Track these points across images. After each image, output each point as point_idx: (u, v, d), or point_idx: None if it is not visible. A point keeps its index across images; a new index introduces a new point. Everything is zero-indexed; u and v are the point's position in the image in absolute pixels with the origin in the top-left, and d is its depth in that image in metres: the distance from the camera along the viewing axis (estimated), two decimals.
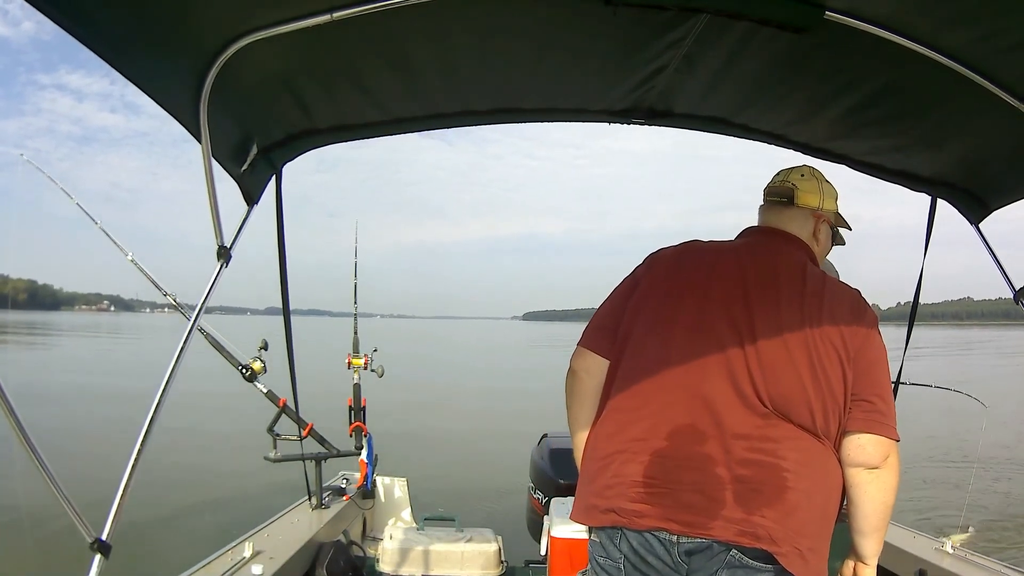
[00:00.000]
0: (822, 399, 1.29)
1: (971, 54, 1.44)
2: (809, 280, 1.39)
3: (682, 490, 1.28)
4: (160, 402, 1.38)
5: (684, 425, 1.31)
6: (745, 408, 1.29)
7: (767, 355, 1.31)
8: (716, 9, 1.40)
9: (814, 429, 1.29)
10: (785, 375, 1.30)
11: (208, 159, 1.51)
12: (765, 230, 1.55)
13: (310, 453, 2.82)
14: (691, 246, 1.53)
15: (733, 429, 1.28)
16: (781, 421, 1.29)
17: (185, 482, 6.81)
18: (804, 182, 1.55)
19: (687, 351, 1.35)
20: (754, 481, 1.25)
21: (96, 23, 1.15)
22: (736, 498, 1.25)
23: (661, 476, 1.29)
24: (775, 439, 1.27)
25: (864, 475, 1.31)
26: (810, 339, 1.31)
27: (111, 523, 1.25)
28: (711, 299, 1.38)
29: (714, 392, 1.31)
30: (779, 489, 1.25)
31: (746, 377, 1.30)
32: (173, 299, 2.86)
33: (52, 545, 4.22)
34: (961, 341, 60.95)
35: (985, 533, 5.20)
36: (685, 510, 1.27)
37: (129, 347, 30.03)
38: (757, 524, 1.23)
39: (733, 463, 1.26)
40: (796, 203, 1.53)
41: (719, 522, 1.24)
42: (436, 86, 1.78)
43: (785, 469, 1.26)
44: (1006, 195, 2.04)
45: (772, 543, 1.23)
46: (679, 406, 1.32)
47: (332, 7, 1.34)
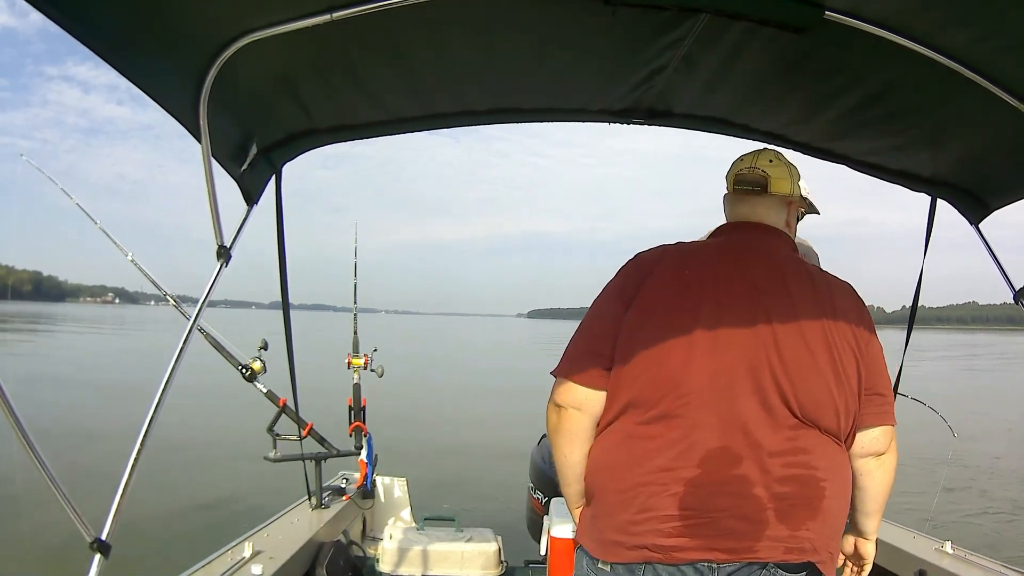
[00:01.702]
0: (845, 400, 1.27)
1: (971, 54, 1.44)
2: (816, 278, 1.35)
3: (722, 518, 1.21)
4: (160, 402, 1.38)
5: (716, 448, 1.22)
6: (776, 422, 1.23)
7: (792, 362, 1.25)
8: (715, 9, 1.40)
9: (837, 432, 1.27)
10: (813, 380, 1.25)
11: (208, 159, 1.51)
12: (749, 226, 1.45)
13: (310, 453, 2.82)
14: (681, 250, 1.40)
15: (768, 447, 1.22)
16: (808, 429, 1.25)
17: (185, 482, 6.81)
18: (774, 168, 1.46)
19: (709, 368, 1.25)
20: (794, 497, 1.22)
21: (95, 22, 1.15)
22: (779, 516, 1.21)
23: (697, 506, 1.21)
24: (807, 450, 1.24)
25: (873, 463, 1.35)
26: (830, 339, 1.27)
27: (111, 523, 1.26)
28: (725, 307, 1.28)
29: (743, 408, 1.23)
30: (818, 500, 1.24)
31: (774, 388, 1.24)
32: (173, 299, 2.86)
33: (52, 545, 4.22)
34: (967, 344, 61.16)
35: (985, 533, 5.20)
36: (727, 537, 1.21)
37: (131, 342, 30.06)
38: (803, 539, 1.22)
39: (772, 482, 1.21)
40: (770, 191, 1.44)
41: (764, 543, 1.21)
42: (435, 86, 1.78)
43: (821, 479, 1.24)
44: (1006, 195, 2.04)
45: (815, 553, 1.23)
46: (708, 428, 1.23)
47: (332, 7, 1.34)
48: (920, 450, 6.51)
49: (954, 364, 29.78)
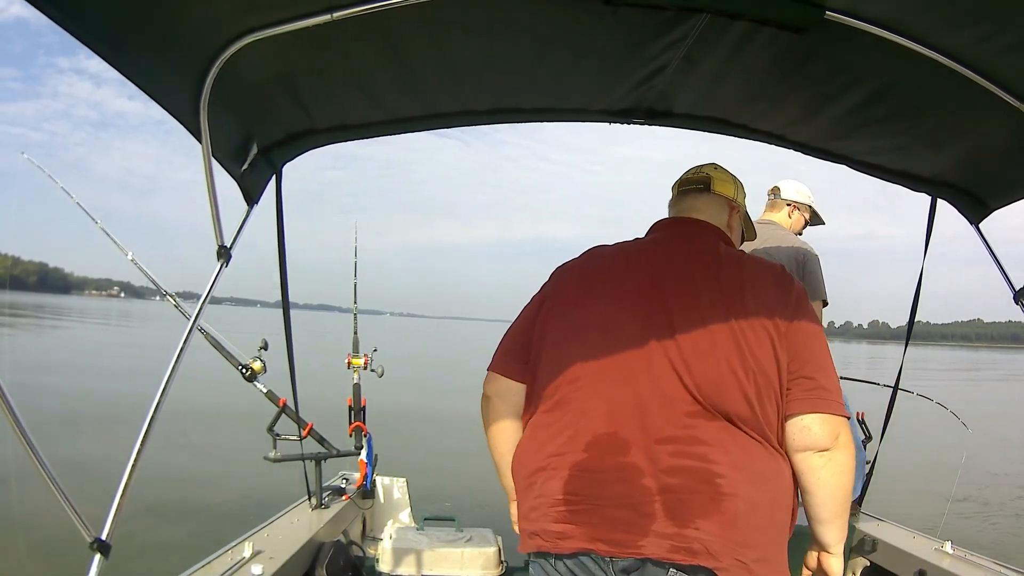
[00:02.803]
0: (755, 383, 1.18)
1: (971, 54, 1.44)
2: (725, 261, 1.30)
3: (607, 506, 1.17)
4: (160, 402, 1.38)
5: (604, 434, 1.20)
6: (669, 408, 1.19)
7: (689, 345, 1.21)
8: (716, 9, 1.40)
9: (752, 420, 1.18)
10: (712, 362, 1.19)
11: (208, 159, 1.51)
12: (676, 220, 1.46)
13: (310, 453, 2.81)
14: (594, 251, 1.44)
15: (657, 433, 1.17)
16: (712, 420, 1.18)
17: (185, 482, 6.81)
18: (717, 172, 1.51)
19: (600, 355, 1.25)
20: (684, 490, 1.14)
21: (96, 22, 1.15)
22: (666, 511, 1.13)
23: (583, 492, 1.18)
24: (705, 440, 1.16)
25: (814, 459, 1.20)
26: (734, 321, 1.21)
27: (111, 523, 1.25)
28: (622, 298, 1.29)
29: (635, 394, 1.20)
30: (713, 497, 1.13)
31: (670, 372, 1.20)
32: (173, 298, 2.86)
33: (51, 545, 4.22)
34: (971, 361, 61.14)
35: (985, 533, 5.20)
36: (613, 528, 1.15)
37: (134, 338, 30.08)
38: (691, 538, 1.12)
39: (660, 472, 1.15)
40: (712, 190, 1.47)
41: (650, 538, 1.13)
42: (436, 85, 1.78)
43: (718, 475, 1.14)
44: (1006, 195, 2.04)
45: (711, 557, 1.11)
46: (597, 414, 1.22)
47: (332, 7, 1.34)
48: (928, 452, 6.51)
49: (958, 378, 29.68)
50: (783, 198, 2.90)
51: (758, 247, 2.71)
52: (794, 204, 2.89)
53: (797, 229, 2.90)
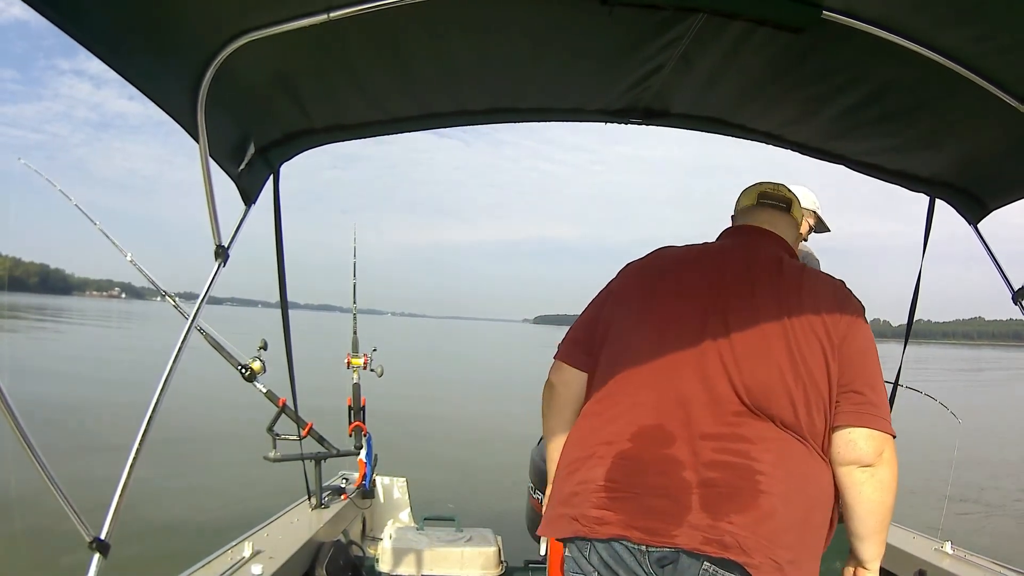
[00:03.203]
0: (804, 390, 1.21)
1: (969, 54, 1.44)
2: (786, 270, 1.34)
3: (646, 495, 1.20)
4: (159, 401, 1.38)
5: (651, 426, 1.24)
6: (717, 406, 1.22)
7: (742, 347, 1.24)
8: (713, 9, 1.40)
9: (797, 426, 1.21)
10: (762, 366, 1.22)
11: (205, 159, 1.51)
12: (749, 228, 1.49)
13: (309, 453, 2.82)
14: (661, 251, 1.49)
15: (702, 429, 1.20)
16: (757, 420, 1.21)
17: (185, 481, 6.81)
18: (793, 195, 1.55)
19: (656, 351, 1.29)
20: (722, 484, 1.16)
21: (92, 23, 1.15)
22: (703, 503, 1.16)
23: (624, 480, 1.22)
24: (748, 439, 1.19)
25: (857, 474, 1.22)
26: (788, 328, 1.24)
27: (110, 522, 1.26)
28: (681, 297, 1.34)
29: (685, 391, 1.24)
30: (751, 493, 1.15)
31: (720, 372, 1.23)
32: (172, 299, 2.87)
33: (51, 545, 4.22)
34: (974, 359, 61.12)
35: (985, 533, 5.19)
36: (648, 516, 1.18)
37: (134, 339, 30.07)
38: (724, 531, 1.14)
39: (701, 466, 1.18)
40: (791, 212, 1.53)
41: (684, 529, 1.15)
42: (433, 85, 1.78)
43: (758, 471, 1.16)
44: (1005, 195, 2.04)
45: (742, 553, 1.13)
46: (647, 406, 1.26)
47: (329, 7, 1.34)
48: (922, 449, 6.50)
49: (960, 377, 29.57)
50: None
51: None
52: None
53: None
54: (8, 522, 5.28)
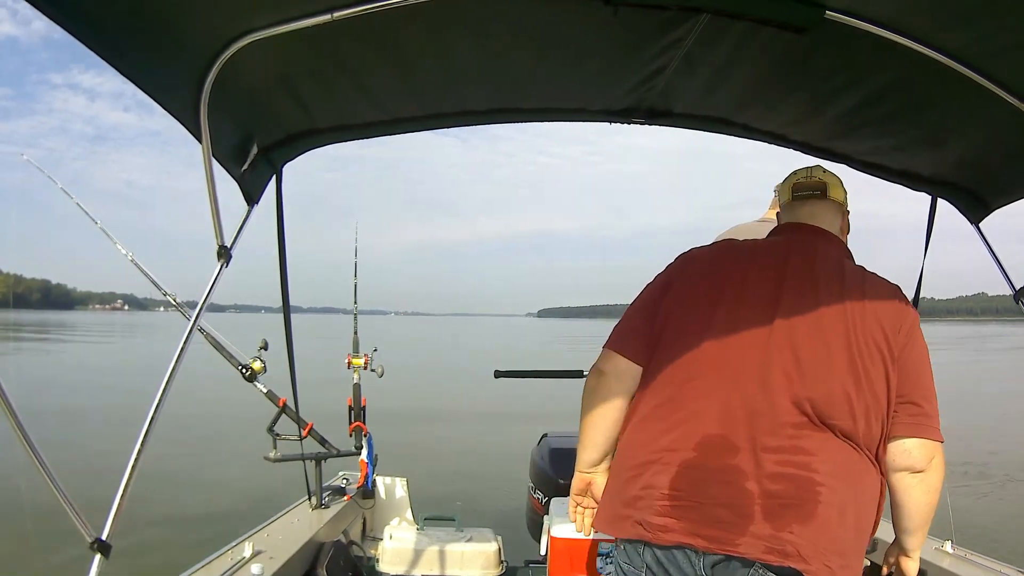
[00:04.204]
0: (864, 400, 1.24)
1: (971, 53, 1.44)
2: (848, 277, 1.34)
3: (710, 504, 1.22)
4: (160, 402, 1.38)
5: (715, 435, 1.25)
6: (779, 416, 1.24)
7: (806, 356, 1.26)
8: (716, 9, 1.40)
9: (855, 435, 1.24)
10: (825, 377, 1.25)
11: (208, 159, 1.51)
12: (801, 227, 1.48)
13: (310, 453, 2.81)
14: (726, 245, 1.49)
15: (764, 441, 1.23)
16: (817, 430, 1.23)
17: (185, 482, 6.82)
18: (829, 176, 1.53)
19: (720, 356, 1.30)
20: (785, 496, 1.20)
21: (96, 23, 1.15)
22: (765, 514, 1.19)
23: (689, 489, 1.24)
24: (809, 450, 1.22)
25: (909, 479, 1.29)
26: (852, 338, 1.26)
27: (111, 523, 1.25)
28: (745, 302, 1.33)
29: (747, 399, 1.25)
30: (811, 504, 1.19)
31: (783, 381, 1.25)
32: (173, 299, 2.86)
33: (52, 545, 4.22)
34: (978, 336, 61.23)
35: (986, 533, 5.20)
36: (712, 525, 1.21)
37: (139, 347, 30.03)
38: (786, 541, 1.18)
39: (763, 477, 1.21)
40: (828, 196, 1.50)
41: (747, 538, 1.19)
42: (436, 86, 1.78)
43: (818, 483, 1.20)
44: (1006, 194, 2.04)
45: (801, 560, 1.17)
46: (710, 415, 1.27)
47: (332, 7, 1.34)
48: None
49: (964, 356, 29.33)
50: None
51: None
52: None
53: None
54: (10, 523, 5.28)
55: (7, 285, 11.27)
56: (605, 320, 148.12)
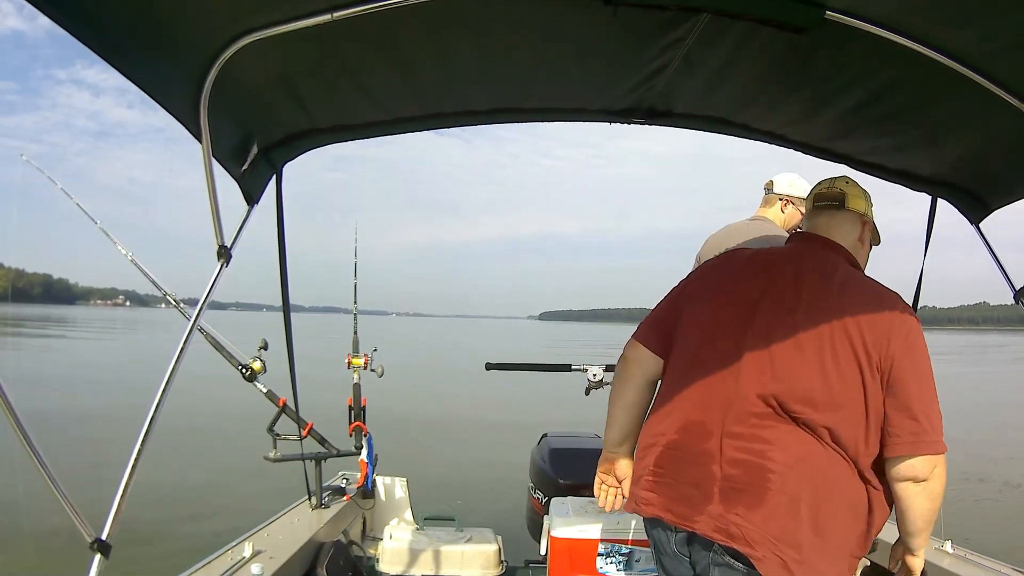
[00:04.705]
0: (834, 400, 1.29)
1: (971, 53, 1.44)
2: (840, 284, 1.40)
3: (682, 483, 1.37)
4: (160, 402, 1.38)
5: (694, 421, 1.39)
6: (746, 407, 1.33)
7: (778, 354, 1.34)
8: (717, 9, 1.40)
9: (820, 432, 1.29)
10: (795, 373, 1.31)
11: (208, 159, 1.51)
12: (809, 236, 1.57)
13: (310, 453, 2.81)
14: (731, 255, 1.62)
15: (731, 428, 1.33)
16: (780, 421, 1.30)
17: (185, 482, 6.81)
18: (850, 187, 1.58)
19: (708, 350, 1.44)
20: (738, 480, 1.29)
21: (96, 22, 1.15)
22: (721, 495, 1.30)
23: (668, 468, 1.40)
24: (768, 440, 1.30)
25: (912, 487, 1.33)
26: (826, 339, 1.31)
27: (111, 523, 1.25)
28: (733, 304, 1.45)
29: (724, 390, 1.37)
30: (760, 491, 1.26)
31: (755, 375, 1.34)
32: (172, 298, 2.86)
33: (52, 545, 4.22)
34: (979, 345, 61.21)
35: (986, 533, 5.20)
36: (681, 502, 1.35)
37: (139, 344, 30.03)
38: (731, 522, 1.27)
39: (725, 462, 1.32)
40: (847, 206, 1.55)
41: (703, 517, 1.30)
42: (436, 85, 1.78)
43: (770, 471, 1.27)
44: (1007, 195, 2.05)
45: (746, 544, 1.24)
46: (694, 403, 1.41)
47: (333, 7, 1.34)
48: None
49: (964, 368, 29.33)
50: (775, 192, 2.72)
51: (742, 241, 2.62)
52: (787, 198, 2.69)
53: (791, 225, 2.71)
54: (10, 522, 5.27)
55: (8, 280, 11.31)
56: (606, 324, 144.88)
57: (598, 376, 2.94)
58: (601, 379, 2.95)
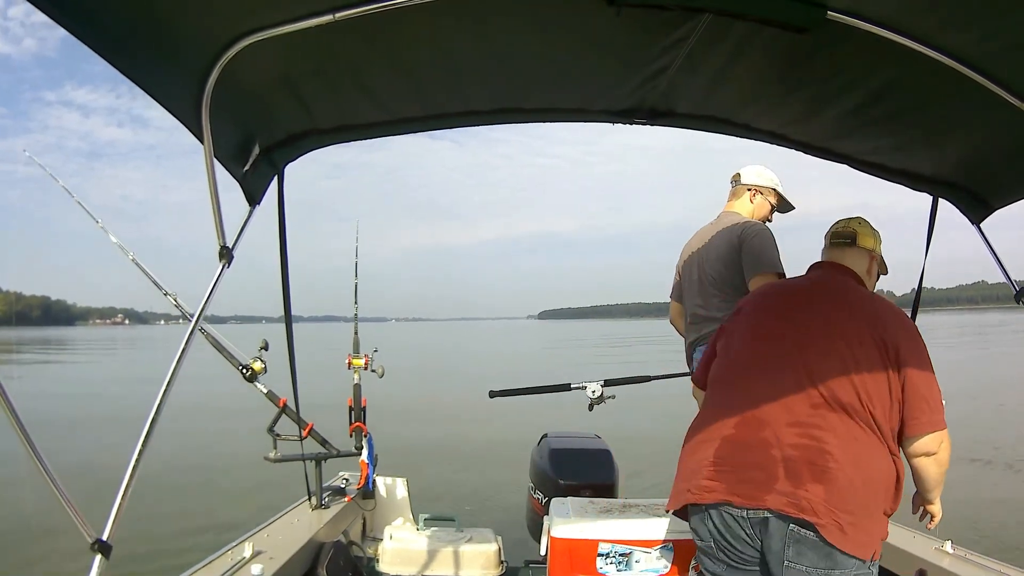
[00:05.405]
0: (867, 391, 1.54)
1: (972, 53, 1.44)
2: (857, 299, 1.71)
3: (745, 467, 1.55)
4: (161, 403, 1.38)
5: (750, 416, 1.59)
6: (801, 400, 1.56)
7: (820, 355, 1.59)
8: (718, 9, 1.40)
9: (863, 417, 1.54)
10: (837, 370, 1.56)
11: (210, 159, 1.51)
12: (828, 264, 1.84)
13: (310, 453, 2.81)
14: (771, 285, 2.01)
15: (787, 418, 1.55)
16: (832, 412, 1.54)
17: (185, 482, 6.81)
18: (863, 227, 1.84)
19: (751, 358, 1.70)
20: (800, 461, 1.50)
21: (99, 24, 1.15)
22: (786, 474, 1.50)
23: (728, 457, 1.58)
24: (822, 427, 1.53)
25: (926, 459, 1.63)
26: (855, 342, 1.58)
27: (112, 523, 1.25)
28: (782, 319, 1.73)
29: (778, 389, 1.59)
30: (821, 469, 1.49)
31: (803, 374, 1.58)
32: (174, 299, 2.86)
33: (52, 545, 4.22)
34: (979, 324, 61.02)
35: (986, 533, 5.20)
36: (747, 484, 1.53)
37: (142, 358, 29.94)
38: (801, 497, 1.47)
39: (785, 446, 1.52)
40: (857, 244, 1.82)
41: (772, 495, 1.49)
42: (438, 86, 1.78)
43: (827, 452, 1.50)
44: (1007, 194, 2.05)
45: (813, 515, 1.46)
46: (747, 400, 1.62)
47: (334, 7, 1.34)
48: None
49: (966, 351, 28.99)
50: (743, 183, 2.71)
51: (705, 240, 2.64)
52: (755, 188, 2.68)
53: (762, 216, 2.68)
54: (10, 522, 5.27)
55: (8, 303, 11.19)
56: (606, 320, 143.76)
57: (597, 392, 2.95)
58: (601, 395, 2.96)
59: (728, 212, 2.73)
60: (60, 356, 38.57)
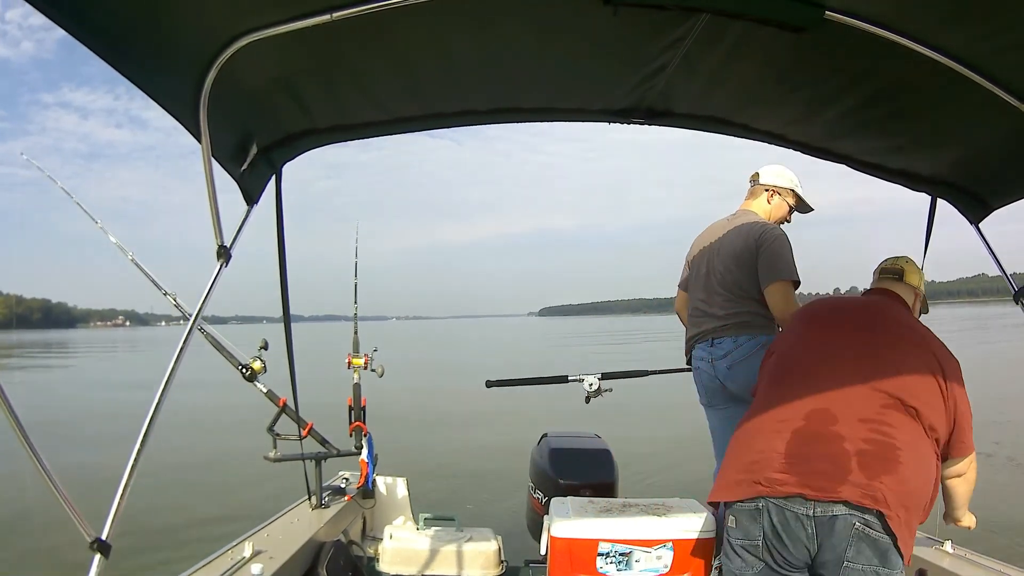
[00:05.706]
0: (927, 400, 1.65)
1: (971, 53, 1.44)
2: (912, 321, 1.88)
3: (816, 460, 1.58)
4: (160, 402, 1.38)
5: (820, 410, 1.65)
6: (873, 399, 1.63)
7: (887, 362, 1.70)
8: (716, 9, 1.40)
9: (927, 424, 1.63)
10: (901, 374, 1.67)
11: (208, 159, 1.51)
12: (883, 291, 1.98)
13: (310, 453, 2.81)
14: (830, 302, 2.09)
15: (859, 415, 1.62)
16: (899, 413, 1.62)
17: (185, 482, 6.81)
18: (910, 266, 1.99)
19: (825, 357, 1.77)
20: (872, 454, 1.56)
21: (97, 24, 1.15)
22: (860, 466, 1.55)
23: (799, 450, 1.61)
24: (892, 424, 1.60)
25: (956, 479, 1.82)
26: (916, 356, 1.70)
27: (111, 523, 1.25)
28: (847, 331, 1.82)
29: (844, 387, 1.66)
30: (892, 461, 1.56)
31: (872, 377, 1.66)
32: (173, 298, 2.86)
33: (52, 545, 4.22)
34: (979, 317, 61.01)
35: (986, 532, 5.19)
36: (819, 476, 1.56)
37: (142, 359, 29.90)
38: (876, 488, 1.53)
39: (858, 440, 1.58)
40: (904, 279, 1.97)
41: (847, 487, 1.53)
42: (436, 86, 1.78)
43: (897, 447, 1.58)
44: (1006, 194, 2.05)
45: (886, 506, 1.52)
46: (817, 397, 1.67)
47: (332, 7, 1.34)
48: None
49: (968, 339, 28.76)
50: (762, 183, 2.69)
51: (718, 235, 2.62)
52: (773, 189, 2.66)
53: (779, 216, 2.67)
54: (10, 522, 5.28)
55: (8, 307, 11.21)
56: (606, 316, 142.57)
57: (594, 385, 2.94)
58: (597, 388, 2.96)
59: (744, 210, 2.71)
60: (61, 359, 38.53)
